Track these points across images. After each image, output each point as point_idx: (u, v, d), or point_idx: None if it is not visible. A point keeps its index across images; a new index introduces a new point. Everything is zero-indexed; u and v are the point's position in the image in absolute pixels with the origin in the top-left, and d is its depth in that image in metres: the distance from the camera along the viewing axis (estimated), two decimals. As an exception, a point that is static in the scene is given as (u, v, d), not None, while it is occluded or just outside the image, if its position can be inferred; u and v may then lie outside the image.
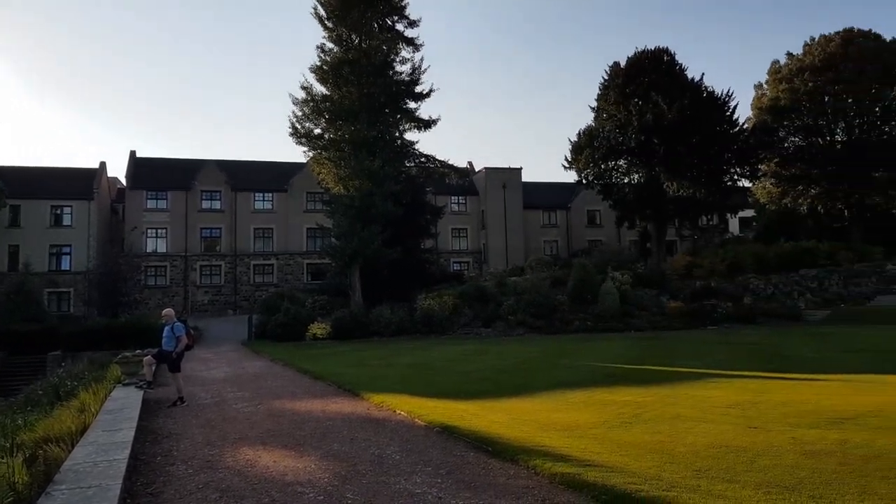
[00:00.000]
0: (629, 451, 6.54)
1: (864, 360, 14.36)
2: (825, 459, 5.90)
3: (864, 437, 6.70)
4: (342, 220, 32.20)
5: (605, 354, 17.87)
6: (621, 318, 28.89)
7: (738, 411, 8.55)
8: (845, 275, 35.25)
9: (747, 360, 15.37)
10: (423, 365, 16.47)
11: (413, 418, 8.97)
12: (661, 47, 42.79)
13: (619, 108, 41.31)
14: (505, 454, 6.67)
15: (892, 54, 40.52)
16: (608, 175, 44.18)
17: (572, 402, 9.95)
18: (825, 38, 43.26)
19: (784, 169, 43.85)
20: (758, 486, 5.16)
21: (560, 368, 14.67)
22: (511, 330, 27.83)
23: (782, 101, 43.30)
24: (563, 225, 57.27)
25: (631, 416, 8.48)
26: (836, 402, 8.94)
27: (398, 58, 35.25)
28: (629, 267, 35.77)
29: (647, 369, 14.05)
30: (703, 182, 39.21)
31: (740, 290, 33.81)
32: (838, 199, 43.49)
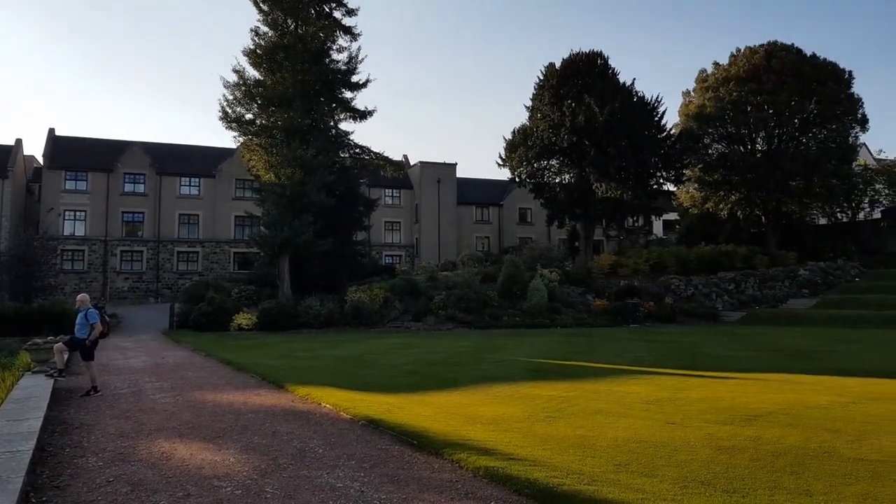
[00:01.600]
0: (552, 445, 6.60)
1: (776, 360, 15.06)
2: (738, 455, 6.11)
3: (775, 434, 6.98)
4: (272, 209, 31.44)
5: (532, 350, 18.11)
6: (549, 314, 29.43)
7: (657, 407, 8.78)
8: (760, 278, 37.03)
9: (667, 357, 15.87)
10: (351, 358, 16.27)
11: (338, 411, 8.81)
12: (595, 50, 43.71)
13: (552, 109, 41.95)
14: (430, 448, 6.62)
15: (811, 69, 42.67)
16: (540, 174, 44.86)
17: (499, 396, 10.00)
18: (750, 50, 45.16)
19: (707, 175, 45.59)
20: (675, 481, 5.28)
21: (488, 363, 14.76)
22: (441, 324, 27.88)
23: (708, 109, 44.98)
24: (495, 222, 57.85)
25: (555, 411, 8.59)
26: (749, 399, 9.31)
27: (335, 46, 34.69)
28: (558, 265, 36.44)
29: (571, 365, 14.31)
30: (630, 184, 40.35)
31: (662, 290, 35.02)
32: (756, 206, 45.58)
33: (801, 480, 5.25)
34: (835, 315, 29.52)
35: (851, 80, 44.02)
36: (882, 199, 48.05)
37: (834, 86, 42.63)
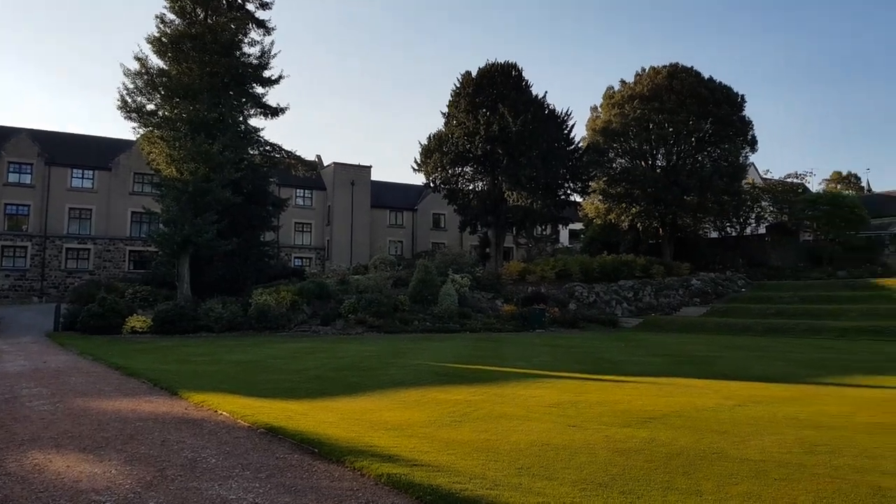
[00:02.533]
0: (457, 450, 6.57)
1: (670, 365, 15.75)
2: (634, 457, 6.28)
3: (668, 436, 7.25)
4: (173, 206, 30.01)
5: (441, 354, 18.13)
6: (459, 319, 29.64)
7: (559, 411, 8.95)
8: (657, 287, 38.83)
9: (569, 362, 16.29)
10: (254, 363, 15.71)
11: (236, 419, 8.44)
12: (510, 62, 44.66)
13: (468, 117, 42.47)
14: (331, 455, 6.43)
15: (708, 91, 45.28)
16: (455, 180, 45.32)
17: (405, 400, 9.90)
18: (654, 70, 47.42)
19: (611, 187, 47.45)
20: (574, 483, 5.36)
21: (396, 367, 14.63)
22: (350, 328, 27.49)
23: (614, 124, 46.84)
24: (409, 226, 57.84)
25: (461, 415, 8.58)
26: (644, 402, 9.65)
27: (247, 39, 33.67)
28: (469, 270, 36.83)
29: (479, 369, 14.42)
30: (540, 194, 41.43)
31: (567, 297, 36.08)
32: (655, 218, 47.82)
33: (693, 480, 5.45)
34: (723, 323, 31.34)
35: (743, 103, 47.04)
36: (767, 215, 51.60)
37: (728, 108, 45.43)
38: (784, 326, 29.01)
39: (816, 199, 46.29)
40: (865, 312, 29.73)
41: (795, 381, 12.49)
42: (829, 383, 12.16)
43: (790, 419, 8.23)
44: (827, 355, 18.50)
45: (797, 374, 13.60)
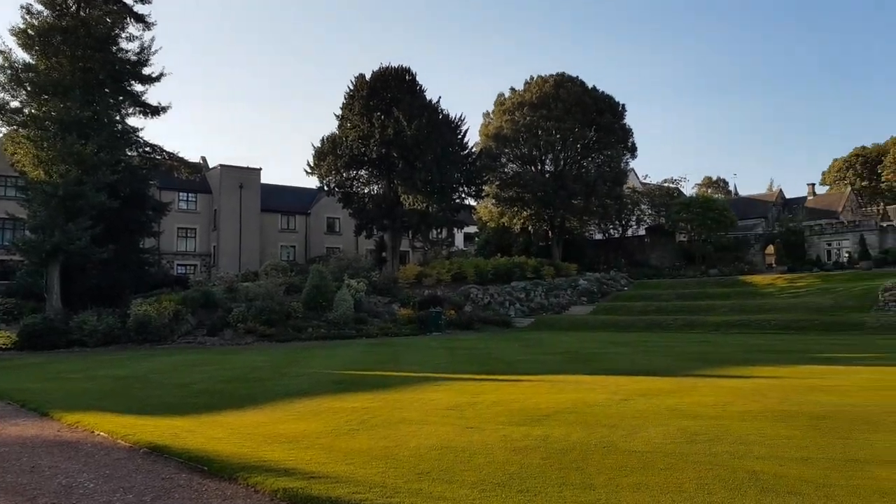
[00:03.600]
0: (356, 459, 6.45)
1: (561, 362, 16.29)
2: (531, 454, 6.42)
3: (562, 432, 7.46)
4: (40, 211, 27.71)
5: (336, 361, 17.83)
6: (355, 324, 29.32)
7: (457, 413, 9.00)
8: (547, 287, 40.18)
9: (466, 363, 16.48)
10: (134, 378, 14.77)
11: (115, 439, 7.88)
12: (404, 66, 44.81)
13: (362, 119, 42.19)
14: (222, 473, 6.13)
15: (592, 100, 47.50)
16: (350, 184, 44.88)
17: (301, 411, 9.63)
18: (542, 79, 49.12)
19: (503, 191, 48.69)
20: (474, 485, 5.40)
21: (290, 377, 14.22)
22: (240, 338, 26.51)
23: (505, 130, 48.09)
24: (301, 230, 56.53)
25: (358, 423, 8.45)
26: (539, 400, 9.91)
27: (125, 34, 31.75)
28: (365, 275, 36.54)
29: (376, 375, 14.28)
30: (436, 197, 41.83)
31: (462, 299, 36.60)
32: (545, 221, 49.53)
33: (585, 475, 5.63)
34: (608, 320, 32.88)
35: (624, 112, 49.69)
36: (646, 218, 54.75)
37: (610, 116, 47.83)
38: (664, 322, 30.82)
39: (690, 202, 49.58)
40: (735, 308, 32.14)
41: (676, 373, 13.26)
42: (706, 375, 12.99)
43: (672, 410, 8.71)
44: (703, 348, 19.80)
45: (677, 368, 14.45)
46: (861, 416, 7.83)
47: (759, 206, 65.76)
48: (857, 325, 25.76)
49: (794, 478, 5.33)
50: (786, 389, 10.39)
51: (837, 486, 5.06)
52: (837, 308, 29.04)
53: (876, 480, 5.18)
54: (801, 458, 5.99)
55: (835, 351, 17.98)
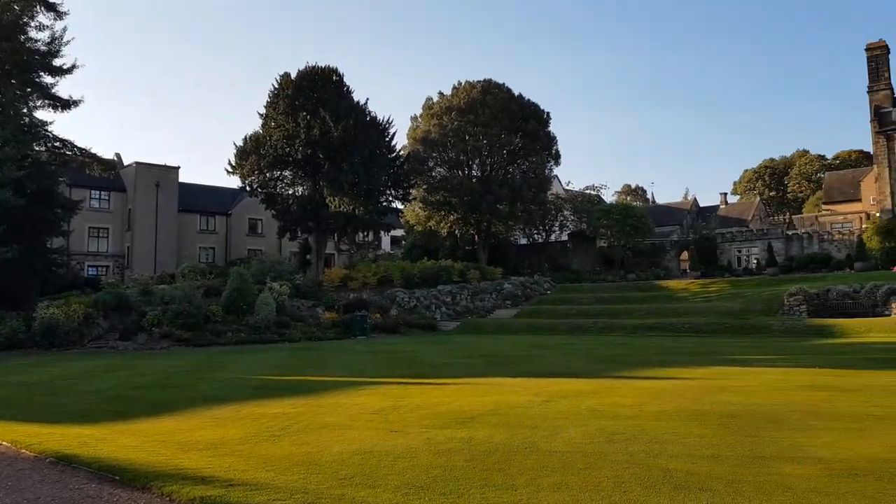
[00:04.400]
0: (276, 465, 6.32)
1: (485, 365, 16.49)
2: (454, 457, 6.46)
3: (485, 434, 7.55)
4: (-65, 207, 25.86)
5: (257, 366, 17.41)
6: (277, 328, 28.71)
7: (381, 417, 8.96)
8: (473, 291, 40.56)
9: (391, 367, 16.43)
10: (40, 384, 13.95)
11: (19, 448, 7.42)
12: (331, 66, 44.25)
13: (287, 119, 41.41)
14: (135, 482, 5.87)
15: (519, 107, 48.33)
16: (273, 184, 43.97)
17: (219, 417, 9.34)
18: (469, 85, 49.61)
19: (431, 195, 48.87)
20: (397, 489, 5.38)
21: (208, 382, 13.78)
22: (155, 343, 25.48)
23: (433, 134, 48.29)
24: (222, 232, 54.86)
25: (280, 429, 8.27)
26: (463, 403, 9.99)
27: (34, 23, 30.08)
28: (288, 278, 35.83)
29: (299, 380, 14.04)
30: (362, 200, 41.52)
31: (388, 303, 36.45)
32: (471, 226, 50.03)
33: (508, 476, 5.71)
34: (532, 323, 33.51)
35: (549, 120, 50.81)
36: (569, 223, 56.18)
37: (536, 124, 48.80)
38: (584, 325, 31.67)
39: (610, 209, 51.17)
40: (651, 311, 33.37)
41: (596, 375, 13.64)
42: (624, 376, 13.44)
43: (592, 411, 8.96)
44: (621, 351, 20.46)
45: (597, 369, 14.87)
46: (767, 415, 8.28)
47: (675, 214, 68.70)
48: (764, 329, 27.24)
49: (705, 475, 5.58)
50: (698, 390, 10.86)
51: (745, 482, 5.33)
52: (746, 312, 30.61)
53: (781, 476, 5.49)
54: (711, 455, 6.28)
55: (744, 353, 18.94)
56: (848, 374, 12.38)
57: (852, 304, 29.28)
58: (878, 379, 11.59)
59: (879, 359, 15.42)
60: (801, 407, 8.80)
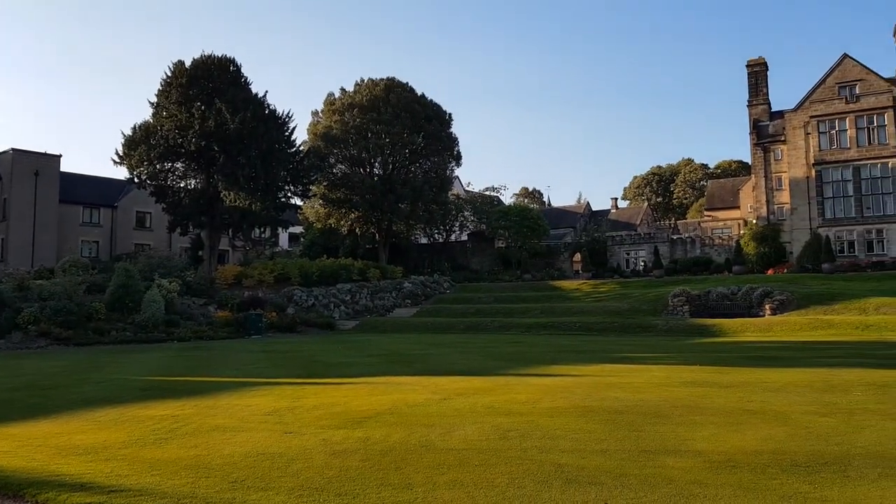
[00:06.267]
0: (162, 470, 6.02)
1: (383, 364, 16.45)
2: (350, 457, 6.40)
3: (382, 433, 7.52)
4: None
5: (144, 367, 16.54)
6: (166, 327, 27.43)
7: (275, 418, 8.75)
8: (373, 290, 40.37)
9: (287, 367, 16.07)
10: None
11: None
12: (228, 56, 42.70)
13: (180, 109, 39.58)
14: (7, 489, 5.43)
15: (421, 107, 48.48)
16: (164, 177, 41.94)
17: (101, 420, 8.80)
18: (372, 82, 49.27)
19: (331, 192, 48.16)
20: (290, 491, 5.27)
21: (90, 384, 12.95)
22: (31, 342, 23.73)
23: (334, 130, 47.59)
24: (107, 225, 51.60)
25: (167, 432, 7.90)
26: (360, 402, 9.91)
27: None
28: (179, 275, 34.26)
29: (188, 381, 13.46)
30: (259, 195, 40.28)
31: (285, 301, 35.63)
32: (372, 224, 49.74)
33: (404, 474, 5.72)
34: (431, 322, 33.79)
35: (451, 121, 51.34)
36: (469, 224, 57.02)
37: (438, 124, 49.17)
38: (482, 324, 32.28)
39: (508, 210, 52.39)
40: (545, 310, 34.47)
41: (493, 373, 13.92)
42: (520, 374, 13.80)
43: (488, 408, 9.14)
44: (517, 349, 21.00)
45: (494, 367, 15.18)
46: (652, 411, 8.74)
47: (569, 217, 71.30)
48: (650, 328, 28.78)
49: (594, 469, 5.82)
50: (589, 387, 11.32)
51: (632, 475, 5.60)
52: (634, 312, 32.23)
53: (664, 469, 5.80)
54: (601, 450, 6.55)
55: (631, 351, 19.91)
56: (726, 372, 13.27)
57: (730, 305, 31.48)
58: (753, 376, 12.50)
59: (754, 357, 16.65)
60: (683, 402, 9.35)
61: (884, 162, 40.24)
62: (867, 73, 42.31)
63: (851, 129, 41.27)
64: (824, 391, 10.11)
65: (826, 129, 42.15)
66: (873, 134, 40.81)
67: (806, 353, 17.29)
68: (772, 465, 5.81)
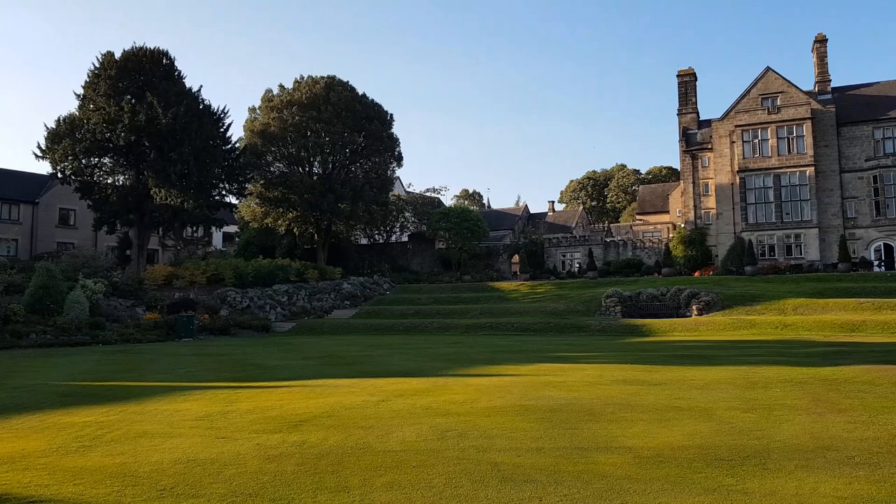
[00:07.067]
0: (86, 479, 5.77)
1: (321, 366, 16.22)
2: (285, 461, 6.29)
3: (318, 437, 7.42)
4: None
5: (66, 371, 15.80)
6: (90, 330, 26.30)
7: (207, 423, 8.51)
8: (311, 291, 39.79)
9: (220, 370, 15.66)
10: None
11: None
12: (161, 49, 41.35)
13: (109, 102, 38.06)
14: None
15: (362, 107, 48.08)
16: (90, 172, 40.27)
17: (19, 428, 8.36)
18: (312, 80, 48.56)
19: (268, 191, 47.18)
20: (223, 497, 5.14)
21: (6, 390, 12.28)
22: (-62, 345, 22.26)
23: (272, 128, 46.66)
24: (27, 222, 49.06)
25: (91, 439, 7.57)
26: (297, 406, 9.75)
27: None
28: (105, 275, 32.94)
29: (114, 386, 12.94)
30: (192, 193, 39.10)
31: (219, 303, 34.72)
32: (311, 224, 48.99)
33: (341, 478, 5.67)
34: (370, 324, 33.56)
35: (392, 122, 51.14)
36: (410, 225, 56.97)
37: (379, 125, 48.89)
38: (422, 325, 32.28)
39: (449, 212, 52.60)
40: (484, 311, 34.76)
41: (431, 374, 13.94)
42: (458, 374, 13.86)
43: (426, 409, 9.14)
44: (455, 349, 21.09)
45: (432, 368, 15.20)
46: (586, 409, 8.94)
47: (508, 219, 72.04)
48: (584, 328, 29.42)
49: (529, 467, 5.90)
50: (525, 386, 11.48)
51: (566, 472, 5.71)
52: (569, 312, 32.88)
53: (597, 465, 5.94)
54: (536, 448, 6.66)
55: (566, 351, 20.30)
56: (655, 370, 13.69)
57: (660, 306, 32.51)
58: (680, 374, 12.94)
59: (682, 355, 17.23)
60: (615, 400, 9.60)
61: (802, 170, 42.37)
62: (788, 86, 44.51)
63: (773, 139, 43.29)
64: (746, 388, 10.56)
65: (749, 138, 44.06)
66: (793, 143, 42.92)
67: (730, 351, 18.02)
68: (697, 460, 6.03)
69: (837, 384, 10.72)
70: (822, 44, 47.05)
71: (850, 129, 42.82)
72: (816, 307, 28.47)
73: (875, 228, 41.64)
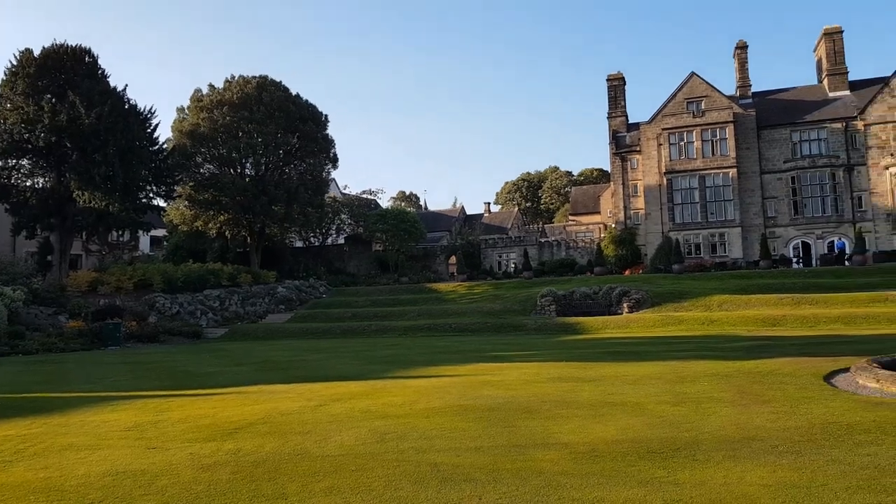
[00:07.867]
0: (8, 495, 5.49)
1: (255, 372, 15.88)
2: (220, 470, 6.13)
3: (254, 444, 7.27)
4: None
5: (-19, 384, 14.91)
6: (9, 339, 24.97)
7: (137, 433, 8.22)
8: (244, 295, 38.92)
9: (149, 379, 15.13)
10: None
11: None
12: (83, 46, 39.68)
13: (27, 101, 36.25)
14: None
15: (296, 108, 47.35)
16: (7, 174, 38.40)
17: (-74, 447, 7.84)
18: (244, 80, 47.50)
19: (198, 193, 45.84)
20: (155, 510, 4.98)
21: (-88, 406, 11.49)
22: None
23: (202, 128, 45.38)
24: (-66, 226, 46.02)
25: (13, 453, 7.19)
26: (231, 413, 9.52)
27: None
28: (24, 282, 31.29)
29: (36, 397, 12.31)
30: (118, 195, 37.60)
31: (147, 309, 33.55)
32: (244, 227, 47.87)
33: (278, 484, 5.57)
34: (306, 328, 33.08)
35: (327, 122, 50.60)
36: (346, 227, 56.49)
37: (314, 125, 48.27)
38: (359, 328, 32.04)
39: (385, 214, 52.47)
40: (422, 313, 34.80)
41: (369, 377, 13.85)
42: (396, 377, 13.82)
43: (364, 412, 9.08)
44: (394, 351, 21.02)
45: (371, 371, 15.11)
46: (523, 407, 9.07)
47: (445, 220, 72.41)
48: (520, 327, 29.84)
49: (469, 466, 5.95)
50: (463, 386, 11.55)
51: (504, 470, 5.79)
52: (506, 312, 33.28)
53: (534, 462, 6.04)
54: (475, 447, 6.72)
55: (504, 350, 20.53)
56: (590, 367, 14.01)
57: (592, 304, 33.32)
58: (613, 370, 13.28)
59: (614, 352, 17.70)
60: (551, 397, 9.78)
61: (725, 172, 44.29)
62: (712, 91, 46.46)
63: (698, 141, 45.08)
64: (675, 382, 10.94)
65: (676, 141, 45.75)
66: (717, 146, 44.82)
67: (659, 347, 18.64)
68: (630, 453, 6.21)
69: (761, 377, 11.23)
70: (742, 50, 49.34)
71: (769, 132, 45.05)
72: (740, 303, 29.78)
73: (793, 227, 43.95)
